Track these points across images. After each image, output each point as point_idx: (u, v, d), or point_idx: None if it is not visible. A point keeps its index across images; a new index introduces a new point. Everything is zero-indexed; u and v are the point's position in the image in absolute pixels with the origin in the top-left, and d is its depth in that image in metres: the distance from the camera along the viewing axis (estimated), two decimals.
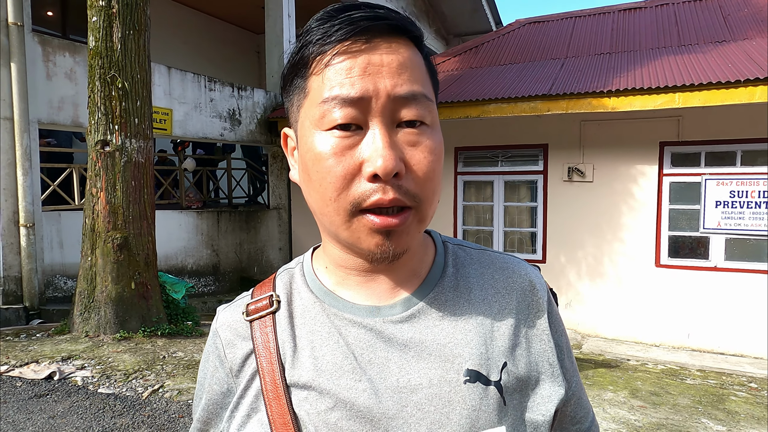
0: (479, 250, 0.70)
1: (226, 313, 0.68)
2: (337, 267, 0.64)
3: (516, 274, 0.67)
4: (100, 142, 4.67)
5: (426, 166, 0.56)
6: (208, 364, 0.68)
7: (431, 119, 0.57)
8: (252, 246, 8.27)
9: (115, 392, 3.60)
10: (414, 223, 0.57)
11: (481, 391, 0.58)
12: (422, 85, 0.57)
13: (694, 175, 6.10)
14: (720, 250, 6.03)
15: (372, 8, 0.56)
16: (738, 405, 4.22)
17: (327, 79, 0.55)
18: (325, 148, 0.55)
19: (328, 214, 0.57)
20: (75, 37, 7.90)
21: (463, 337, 0.60)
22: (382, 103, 0.54)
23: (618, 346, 6.23)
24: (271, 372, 0.60)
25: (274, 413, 0.58)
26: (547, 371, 0.63)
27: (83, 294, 4.72)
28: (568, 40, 8.17)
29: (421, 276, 0.64)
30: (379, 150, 0.53)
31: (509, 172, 7.02)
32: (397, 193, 0.54)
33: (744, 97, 5.19)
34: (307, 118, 0.57)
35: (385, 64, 0.54)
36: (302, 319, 0.63)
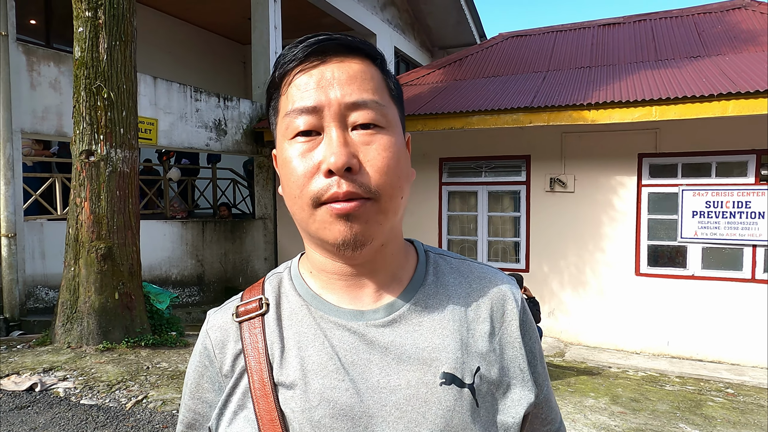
0: (459, 260, 0.74)
1: (216, 315, 0.71)
2: (320, 272, 0.67)
3: (492, 284, 0.72)
4: (85, 152, 4.66)
5: (380, 161, 0.60)
6: (196, 364, 0.70)
7: (386, 122, 0.63)
8: (237, 256, 8.25)
9: (98, 403, 3.57)
10: (372, 212, 0.60)
11: (456, 393, 0.62)
12: (373, 93, 0.62)
13: (671, 186, 6.26)
14: (697, 259, 6.19)
15: (329, 34, 0.64)
16: (715, 410, 4.33)
17: (290, 96, 0.63)
18: (290, 154, 0.62)
19: (297, 211, 0.63)
20: (60, 46, 7.87)
21: (441, 342, 0.64)
22: (335, 110, 0.60)
23: (600, 354, 6.33)
24: (260, 371, 0.63)
25: (261, 410, 0.61)
26: (518, 376, 0.67)
27: (66, 304, 4.67)
28: (550, 53, 8.36)
29: (403, 283, 0.68)
30: (332, 148, 0.59)
31: (493, 183, 7.14)
32: (351, 187, 0.59)
33: (717, 111, 5.37)
34: (279, 132, 0.65)
35: (336, 77, 0.62)
36: (290, 321, 0.67)
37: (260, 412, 0.61)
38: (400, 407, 0.61)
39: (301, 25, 10.40)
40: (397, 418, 0.60)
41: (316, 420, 0.60)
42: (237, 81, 11.90)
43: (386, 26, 11.43)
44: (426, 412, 0.61)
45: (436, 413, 0.61)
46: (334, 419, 0.60)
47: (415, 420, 0.60)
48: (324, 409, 0.60)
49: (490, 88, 7.32)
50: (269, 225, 8.42)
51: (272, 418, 0.61)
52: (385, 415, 0.60)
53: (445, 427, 0.61)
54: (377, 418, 0.60)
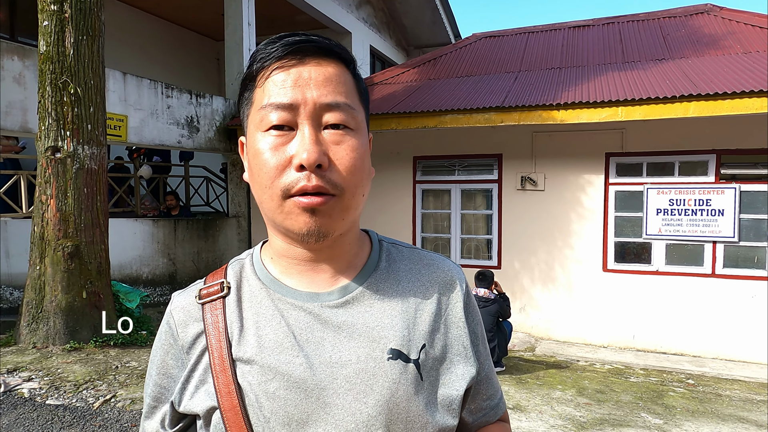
0: (410, 249, 0.80)
1: (180, 297, 0.76)
2: (281, 257, 0.72)
3: (440, 269, 0.77)
4: (50, 148, 4.56)
5: (348, 161, 0.65)
6: (161, 342, 0.75)
7: (355, 124, 0.67)
8: (210, 254, 8.17)
9: (64, 403, 3.51)
10: (337, 208, 0.65)
11: (402, 368, 0.67)
12: (346, 96, 0.67)
13: (636, 185, 6.46)
14: (661, 255, 6.39)
15: (307, 35, 0.68)
16: (675, 400, 4.50)
17: (266, 90, 0.66)
18: (263, 146, 0.65)
19: (265, 201, 0.67)
20: (24, 40, 7.65)
21: (389, 321, 0.70)
22: (309, 109, 0.64)
23: (569, 348, 6.49)
24: (219, 348, 0.68)
25: (220, 384, 0.66)
26: (461, 353, 0.73)
27: (31, 304, 4.57)
28: (522, 54, 8.51)
29: (357, 268, 0.73)
30: (305, 145, 0.63)
31: (466, 181, 7.23)
32: (320, 182, 0.63)
33: (680, 112, 5.56)
34: (252, 123, 0.68)
35: (312, 77, 0.65)
36: (249, 303, 0.71)
37: (219, 386, 0.66)
38: (349, 380, 0.65)
39: (275, 22, 10.34)
40: (346, 390, 0.65)
41: (271, 392, 0.65)
42: (210, 78, 11.75)
43: (361, 24, 11.44)
44: (373, 385, 0.66)
45: (382, 385, 0.66)
46: (288, 390, 0.65)
47: (363, 391, 0.65)
48: (279, 381, 0.65)
49: (463, 87, 7.42)
50: (243, 223, 8.36)
51: (230, 390, 0.65)
52: (335, 387, 0.65)
53: (391, 398, 0.66)
54: (328, 390, 0.65)
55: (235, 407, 0.65)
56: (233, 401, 0.65)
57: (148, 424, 0.76)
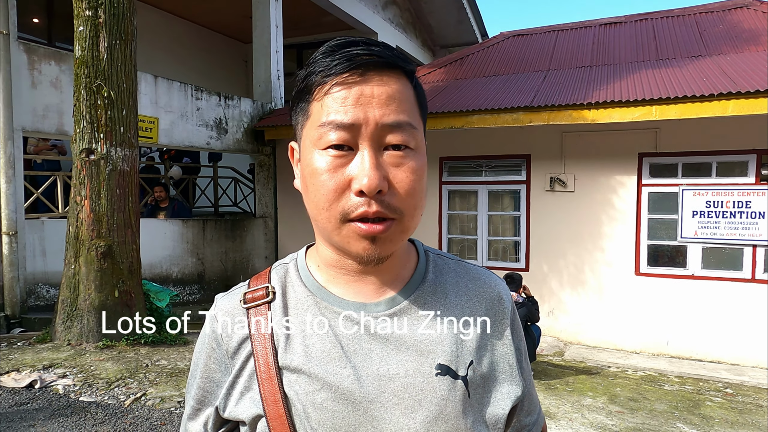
0: (456, 261, 0.79)
1: (224, 300, 0.75)
2: (328, 267, 0.71)
3: (486, 285, 0.77)
4: (85, 150, 4.67)
5: (408, 184, 0.64)
6: (204, 346, 0.74)
7: (415, 144, 0.65)
8: (237, 254, 8.27)
9: (96, 400, 3.59)
10: (397, 232, 0.64)
11: (450, 384, 0.66)
12: (408, 115, 0.64)
13: (671, 186, 6.25)
14: (697, 259, 6.18)
15: (368, 45, 0.64)
16: (713, 410, 4.33)
17: (325, 106, 0.63)
18: (320, 165, 0.63)
19: (321, 221, 0.65)
20: (61, 45, 7.89)
21: (438, 336, 0.69)
22: (371, 130, 0.62)
23: (599, 353, 6.33)
24: (265, 355, 0.68)
25: (266, 392, 0.66)
26: (507, 372, 0.72)
27: (66, 302, 4.69)
28: (551, 53, 8.35)
29: (405, 279, 0.73)
30: (365, 170, 0.61)
31: (493, 182, 7.13)
32: (380, 207, 0.62)
33: (718, 111, 5.36)
34: (308, 138, 0.66)
35: (375, 95, 0.62)
36: (295, 310, 0.71)
37: (265, 394, 0.66)
38: (397, 394, 0.65)
39: (300, 24, 10.41)
40: (394, 404, 0.65)
41: (319, 402, 0.64)
42: (238, 80, 11.92)
43: (387, 25, 11.42)
44: (422, 400, 0.65)
45: (431, 401, 0.65)
46: (335, 402, 0.64)
47: (411, 406, 0.65)
48: (326, 392, 0.65)
49: (490, 87, 7.32)
50: (270, 223, 8.44)
51: (276, 399, 0.65)
52: (383, 400, 0.65)
53: (439, 414, 0.65)
54: (376, 404, 0.64)
55: (281, 416, 0.65)
56: (279, 410, 0.65)
57: (191, 426, 0.76)
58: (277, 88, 8.46)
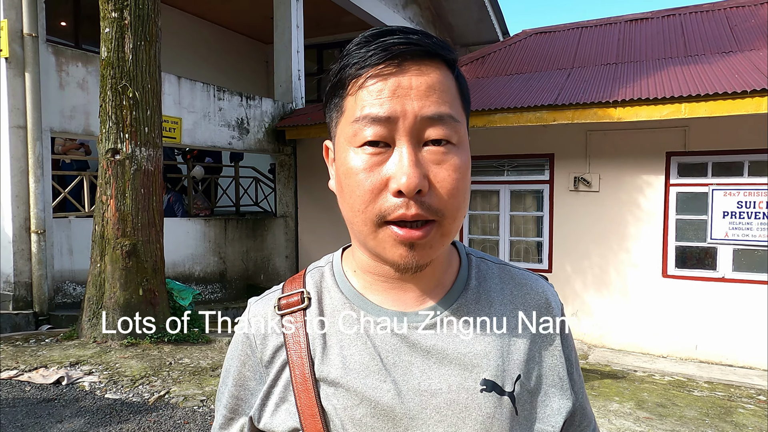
0: (500, 265, 0.74)
1: (258, 306, 0.71)
2: (365, 272, 0.67)
3: (533, 290, 0.72)
4: (110, 150, 4.74)
5: (450, 183, 0.59)
6: (237, 353, 0.71)
7: (458, 139, 0.60)
8: (259, 254, 8.32)
9: (121, 398, 3.63)
10: (437, 236, 0.60)
11: (496, 401, 0.62)
12: (450, 106, 0.60)
13: (701, 186, 6.08)
14: (728, 261, 5.99)
15: (406, 33, 0.59)
16: (746, 418, 4.18)
17: (360, 100, 0.59)
18: (356, 164, 0.59)
19: (356, 224, 0.61)
20: (87, 47, 8.04)
21: (482, 348, 0.65)
22: (410, 123, 0.57)
23: (625, 357, 6.19)
24: (301, 366, 0.64)
25: (302, 405, 0.62)
26: (557, 385, 0.68)
27: (92, 300, 4.77)
28: (575, 50, 8.20)
29: (446, 287, 0.68)
30: (404, 168, 0.56)
31: (515, 182, 7.04)
32: (419, 209, 0.57)
33: (750, 108, 5.18)
34: (342, 135, 0.62)
35: (413, 86, 0.58)
36: (332, 318, 0.67)
37: (302, 407, 0.62)
38: (440, 411, 0.61)
39: (321, 24, 10.43)
40: (437, 422, 0.61)
41: (358, 418, 0.61)
42: (259, 80, 12.00)
43: (408, 24, 11.38)
44: (466, 418, 0.61)
45: (476, 419, 0.61)
46: (375, 418, 0.61)
47: (455, 424, 0.61)
48: (365, 408, 0.61)
49: (513, 85, 7.22)
50: (290, 223, 8.47)
51: (313, 413, 0.62)
52: (425, 417, 0.61)
53: None
54: (417, 420, 0.61)
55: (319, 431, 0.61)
56: (317, 425, 0.61)
57: None
58: (298, 88, 8.49)
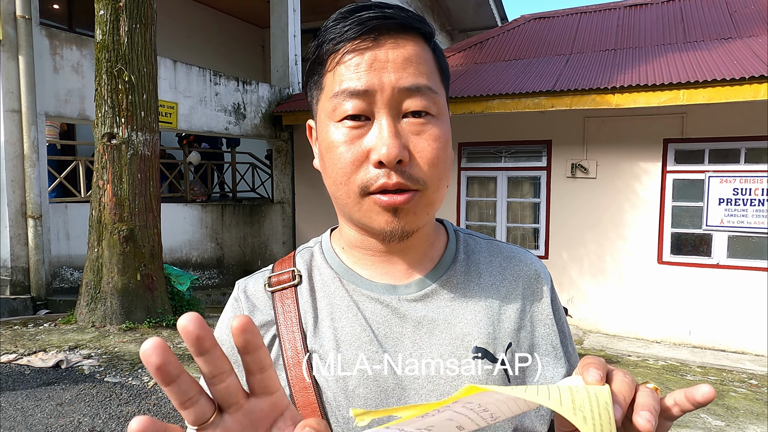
0: (488, 240, 0.74)
1: (247, 283, 0.71)
2: (353, 248, 0.68)
3: (522, 263, 0.72)
4: (106, 134, 4.71)
5: (430, 153, 0.60)
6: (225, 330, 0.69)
7: (437, 110, 0.61)
8: (256, 240, 8.33)
9: (121, 381, 3.66)
10: (420, 204, 0.61)
11: (488, 367, 0.63)
12: (427, 78, 0.60)
13: (697, 173, 6.10)
14: (722, 248, 6.04)
15: (381, 8, 0.60)
16: (737, 401, 4.25)
17: (338, 75, 0.59)
18: (337, 138, 0.60)
19: (340, 197, 0.62)
20: (82, 30, 7.93)
21: (473, 318, 0.65)
22: (387, 95, 0.58)
23: (619, 342, 6.26)
24: (293, 340, 0.64)
25: (293, 378, 0.62)
26: (551, 354, 0.67)
27: (90, 285, 4.78)
28: (573, 36, 8.15)
29: (434, 260, 0.69)
30: (384, 139, 0.57)
31: (512, 168, 7.04)
32: (401, 178, 0.58)
33: (749, 95, 5.18)
34: (323, 111, 0.62)
35: (390, 59, 0.58)
36: (322, 293, 0.67)
37: (293, 380, 0.62)
38: (432, 380, 0.62)
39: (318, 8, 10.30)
40: (429, 391, 0.61)
41: (350, 389, 0.61)
42: (256, 65, 11.89)
43: None
44: (458, 385, 0.62)
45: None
46: (367, 389, 0.61)
47: (447, 392, 0.61)
48: (358, 378, 0.61)
49: (511, 71, 7.19)
50: (287, 209, 8.47)
51: (305, 385, 0.62)
52: (417, 387, 0.61)
53: None
54: (410, 390, 0.61)
55: (311, 404, 0.61)
56: (309, 398, 0.61)
57: None
58: (295, 73, 8.43)
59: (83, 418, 3.11)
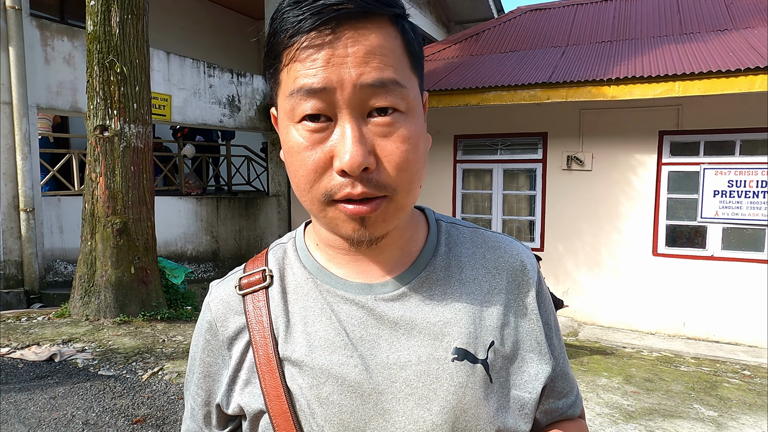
0: (472, 229, 0.70)
1: (219, 288, 0.69)
2: (327, 246, 0.65)
3: (507, 253, 0.68)
4: (99, 127, 4.67)
5: (398, 156, 0.55)
6: (200, 339, 0.68)
7: (406, 105, 0.55)
8: (251, 233, 8.30)
9: (115, 374, 3.64)
10: (389, 211, 0.57)
11: (469, 369, 0.60)
12: (394, 70, 0.54)
13: (692, 165, 6.10)
14: (717, 240, 6.06)
15: None
16: (731, 392, 4.28)
17: (293, 72, 0.54)
18: (297, 141, 0.55)
19: (305, 203, 0.59)
20: (73, 21, 7.84)
21: (453, 316, 0.62)
22: (348, 94, 0.53)
23: (614, 334, 6.28)
24: (265, 346, 0.61)
25: (267, 386, 0.60)
26: (535, 349, 0.65)
27: (83, 278, 4.75)
28: (570, 27, 8.12)
29: (413, 255, 0.65)
30: (346, 146, 0.52)
31: (508, 161, 7.03)
32: (366, 187, 0.54)
33: (744, 86, 5.17)
34: (282, 110, 0.58)
35: (350, 53, 0.52)
36: (295, 295, 0.64)
37: (266, 388, 0.60)
38: (410, 384, 0.59)
39: None
40: (407, 395, 0.59)
41: (324, 396, 0.59)
42: (250, 57, 11.79)
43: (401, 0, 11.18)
44: (437, 389, 0.59)
45: (447, 390, 0.59)
46: (342, 396, 0.59)
47: (426, 396, 0.59)
48: (332, 385, 0.59)
49: (507, 63, 7.16)
50: (283, 202, 8.44)
51: (278, 394, 0.60)
52: (395, 391, 0.59)
53: (458, 404, 0.59)
54: (387, 395, 0.59)
55: (284, 413, 0.59)
56: (282, 406, 0.59)
57: (192, 426, 0.71)
58: None
59: (77, 411, 3.10)
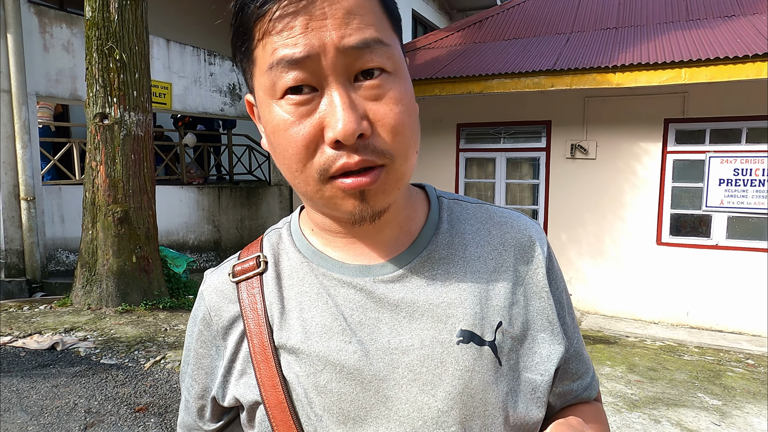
0: (476, 204, 0.67)
1: (213, 276, 0.66)
2: (322, 230, 0.62)
3: (515, 228, 0.64)
4: (98, 114, 4.63)
5: (393, 119, 0.51)
6: (194, 329, 0.66)
7: (392, 65, 0.52)
8: (253, 222, 8.28)
9: (117, 363, 3.64)
10: (390, 180, 0.53)
11: (475, 352, 0.57)
12: (376, 29, 0.51)
13: (698, 153, 6.04)
14: (722, 228, 6.01)
15: None
16: (734, 381, 4.26)
17: (269, 45, 0.50)
18: (282, 118, 0.51)
19: (299, 185, 0.54)
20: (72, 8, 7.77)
21: (457, 297, 0.59)
22: (332, 59, 0.49)
23: (617, 323, 6.27)
24: (259, 334, 0.59)
25: (263, 376, 0.58)
26: (547, 329, 0.61)
27: (85, 267, 4.74)
28: (574, 14, 8.01)
29: (413, 234, 0.62)
30: (337, 113, 0.49)
31: (511, 149, 6.97)
32: (363, 155, 0.50)
33: (751, 73, 5.10)
34: (261, 89, 0.53)
35: (328, 15, 0.49)
36: (290, 280, 0.62)
37: (262, 378, 0.57)
38: (413, 369, 0.56)
39: None
40: (410, 381, 0.56)
41: (322, 385, 0.56)
42: None
43: None
44: (442, 374, 0.56)
45: (453, 374, 0.56)
46: (341, 383, 0.56)
47: (431, 382, 0.56)
48: (330, 373, 0.56)
49: (510, 50, 7.07)
50: (284, 191, 8.41)
51: (274, 383, 0.57)
52: (397, 377, 0.56)
53: (464, 389, 0.55)
54: (389, 381, 0.56)
55: (281, 403, 0.56)
56: (279, 396, 0.56)
57: (187, 418, 0.69)
58: None
59: (79, 399, 3.10)
